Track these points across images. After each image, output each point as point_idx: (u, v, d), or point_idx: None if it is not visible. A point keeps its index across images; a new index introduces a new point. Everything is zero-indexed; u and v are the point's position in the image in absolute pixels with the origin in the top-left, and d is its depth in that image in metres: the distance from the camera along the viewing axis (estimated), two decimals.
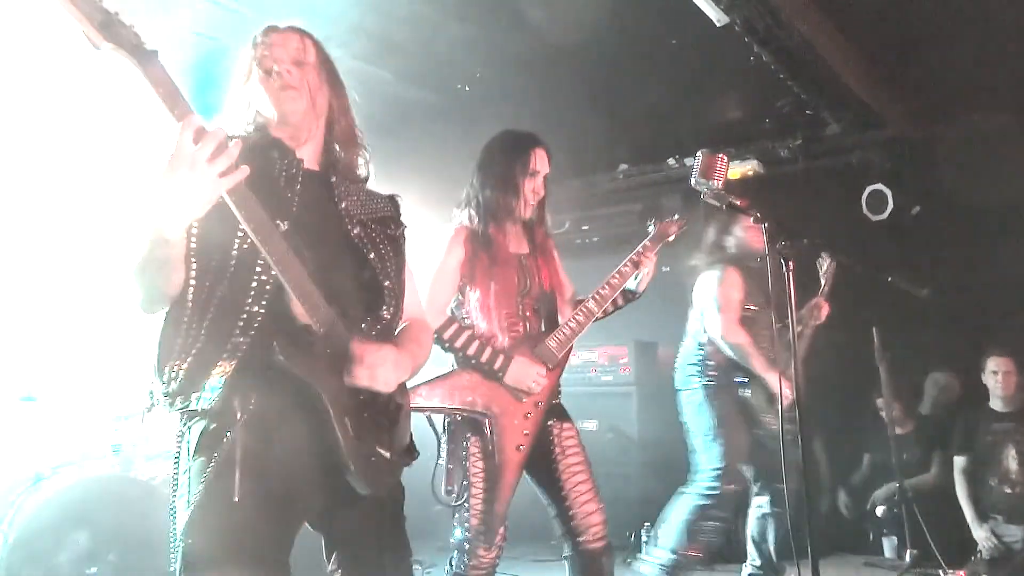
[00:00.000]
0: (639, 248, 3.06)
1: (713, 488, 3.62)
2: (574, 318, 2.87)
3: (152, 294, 1.60)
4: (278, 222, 1.60)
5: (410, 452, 1.88)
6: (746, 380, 3.72)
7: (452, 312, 2.83)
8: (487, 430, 2.68)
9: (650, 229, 3.19)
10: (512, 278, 2.83)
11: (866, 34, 4.39)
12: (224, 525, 1.52)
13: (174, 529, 1.58)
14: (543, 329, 2.87)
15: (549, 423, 2.82)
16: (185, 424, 1.64)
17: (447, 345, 2.74)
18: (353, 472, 1.65)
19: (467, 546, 2.66)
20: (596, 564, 2.74)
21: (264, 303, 1.61)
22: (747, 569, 3.96)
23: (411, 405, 2.58)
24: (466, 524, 2.66)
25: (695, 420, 3.79)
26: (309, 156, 1.82)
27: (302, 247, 1.62)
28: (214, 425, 1.59)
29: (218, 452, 1.56)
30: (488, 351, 2.72)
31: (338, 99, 1.86)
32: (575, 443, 2.85)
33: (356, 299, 1.76)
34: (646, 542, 4.63)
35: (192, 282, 1.60)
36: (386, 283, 1.82)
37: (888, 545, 4.97)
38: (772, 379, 3.63)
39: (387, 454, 1.76)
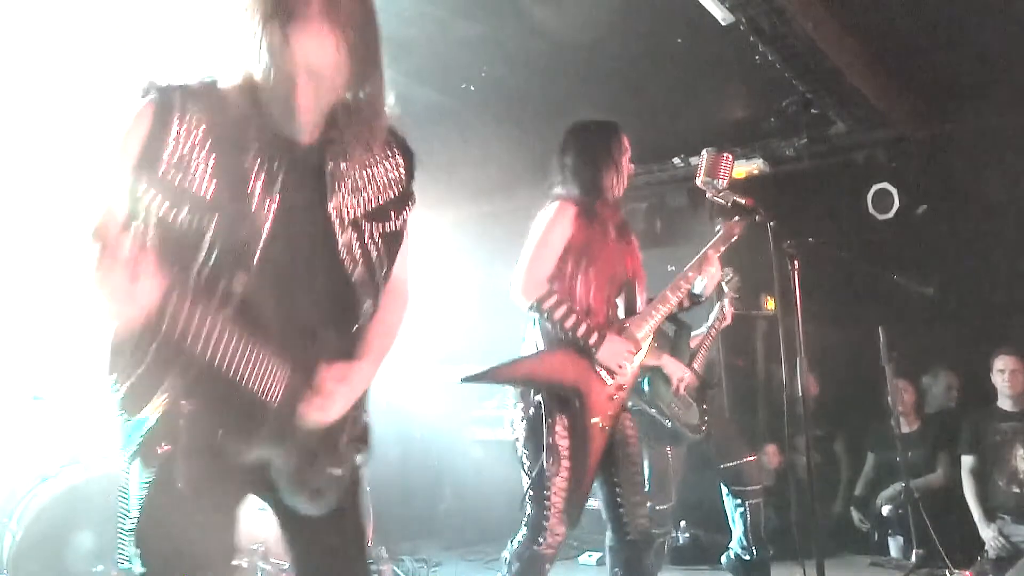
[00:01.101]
0: (706, 251, 3.03)
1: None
2: (656, 308, 2.87)
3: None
4: (237, 273, 1.46)
5: (364, 451, 1.75)
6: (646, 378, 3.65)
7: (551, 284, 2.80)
8: (576, 407, 2.68)
9: (717, 230, 3.13)
10: (611, 260, 2.84)
11: (872, 33, 4.38)
12: (170, 512, 1.49)
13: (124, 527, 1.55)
14: (620, 316, 2.87)
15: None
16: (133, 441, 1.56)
17: (545, 315, 2.71)
18: (301, 502, 1.62)
19: (544, 524, 2.65)
20: (639, 557, 2.78)
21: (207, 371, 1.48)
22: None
23: (493, 377, 2.66)
24: (545, 502, 2.65)
25: None
26: (305, 127, 1.53)
27: (269, 287, 1.49)
28: (161, 429, 1.51)
29: (160, 447, 1.50)
30: (584, 326, 2.71)
31: (368, 50, 1.51)
32: (635, 436, 2.88)
33: (328, 317, 1.62)
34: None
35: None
36: (366, 304, 1.65)
37: (894, 545, 4.95)
38: (668, 363, 3.59)
39: (339, 472, 1.68)
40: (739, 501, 3.76)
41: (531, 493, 2.70)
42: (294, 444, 1.58)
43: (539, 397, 2.71)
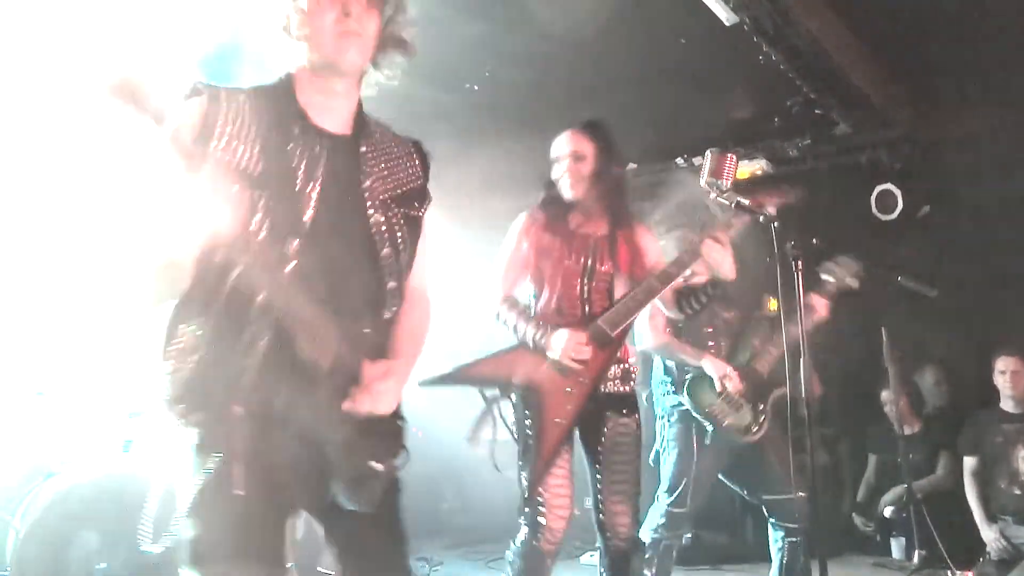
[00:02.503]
0: (702, 235, 2.84)
1: (662, 510, 3.54)
2: (633, 297, 2.79)
3: (159, 292, 1.59)
4: (289, 239, 1.57)
5: (401, 454, 1.84)
6: (688, 381, 3.55)
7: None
8: (525, 404, 2.74)
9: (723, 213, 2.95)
10: (574, 260, 2.84)
11: (876, 33, 4.38)
12: (225, 518, 1.53)
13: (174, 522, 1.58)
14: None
15: (607, 414, 2.82)
16: (185, 423, 1.61)
17: (504, 324, 2.83)
18: (344, 493, 1.67)
19: (540, 520, 2.69)
20: (621, 561, 2.79)
21: (261, 355, 1.56)
22: None
23: (454, 379, 2.73)
24: (538, 498, 2.69)
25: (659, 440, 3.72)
26: (339, 119, 1.72)
27: (315, 259, 1.59)
28: (213, 426, 1.58)
29: (217, 448, 1.55)
30: (531, 325, 2.75)
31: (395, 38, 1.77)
32: (627, 440, 2.83)
33: (361, 302, 1.71)
34: None
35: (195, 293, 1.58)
36: (391, 284, 1.74)
37: (896, 546, 4.95)
38: (707, 364, 3.48)
39: (380, 467, 1.74)
40: (779, 536, 3.51)
41: (526, 497, 2.73)
42: (338, 431, 1.64)
43: (514, 396, 2.76)
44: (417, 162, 1.86)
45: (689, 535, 4.89)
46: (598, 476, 2.80)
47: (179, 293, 1.61)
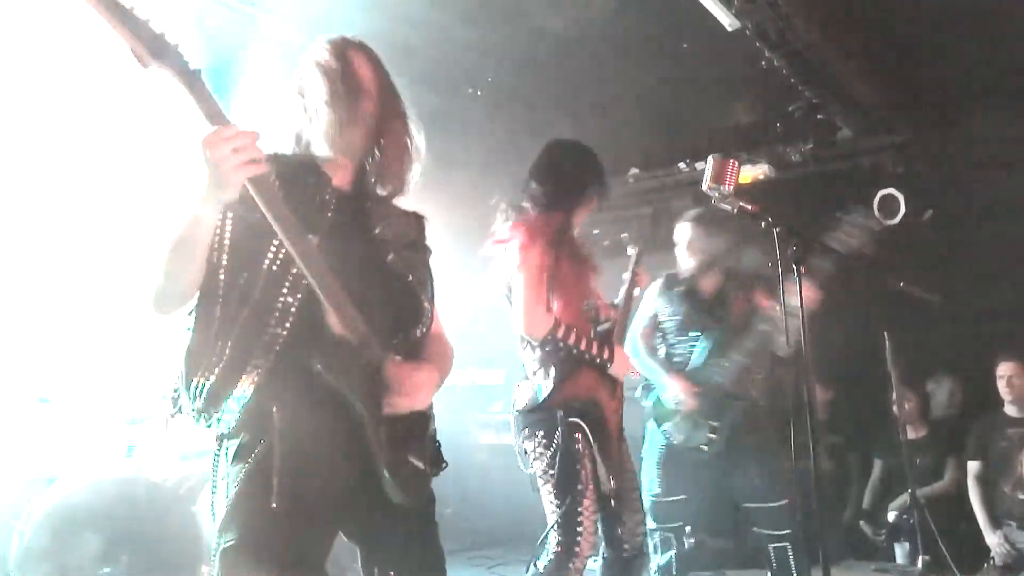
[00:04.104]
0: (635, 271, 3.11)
1: (651, 497, 3.51)
2: (619, 322, 2.93)
3: (170, 284, 1.58)
4: (309, 236, 1.61)
5: (439, 463, 1.88)
6: (656, 395, 3.57)
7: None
8: (592, 427, 2.68)
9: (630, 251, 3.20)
10: (586, 280, 2.86)
11: (878, 38, 4.38)
12: (262, 531, 1.54)
13: (213, 533, 1.60)
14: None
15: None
16: (221, 435, 1.64)
17: (562, 343, 2.70)
18: (389, 480, 1.67)
19: (576, 549, 2.61)
20: (633, 571, 2.80)
21: (288, 325, 1.61)
22: None
23: (549, 405, 2.66)
24: (578, 527, 2.62)
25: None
26: (344, 178, 1.82)
27: (333, 264, 1.62)
28: (250, 433, 1.60)
29: (253, 459, 1.57)
30: (596, 344, 2.75)
31: (392, 121, 1.83)
32: (626, 449, 2.89)
33: (389, 318, 1.76)
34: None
35: (220, 298, 1.60)
36: (425, 304, 1.86)
37: (900, 551, 4.93)
38: (667, 384, 3.49)
39: (420, 464, 1.78)
40: (763, 542, 3.50)
41: (560, 522, 2.65)
42: (383, 424, 1.68)
43: (567, 422, 2.67)
44: (414, 221, 1.96)
45: (692, 540, 4.88)
46: (615, 491, 2.77)
47: (188, 292, 1.61)
